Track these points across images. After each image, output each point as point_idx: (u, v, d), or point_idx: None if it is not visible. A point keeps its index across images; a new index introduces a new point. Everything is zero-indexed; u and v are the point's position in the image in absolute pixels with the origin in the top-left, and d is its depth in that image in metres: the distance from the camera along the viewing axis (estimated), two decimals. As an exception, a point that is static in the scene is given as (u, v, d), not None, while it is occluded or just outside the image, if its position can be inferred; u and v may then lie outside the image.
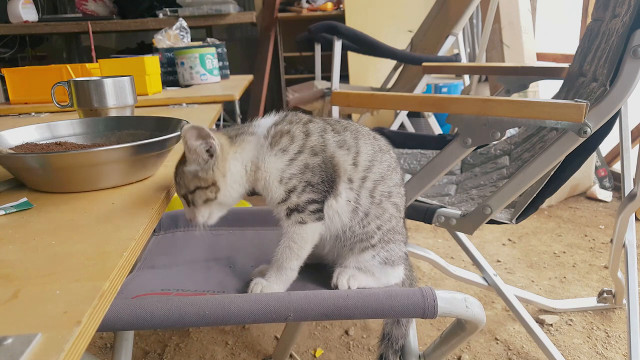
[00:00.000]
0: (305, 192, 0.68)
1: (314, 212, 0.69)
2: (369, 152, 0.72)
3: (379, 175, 0.72)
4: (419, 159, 1.56)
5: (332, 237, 0.74)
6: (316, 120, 0.73)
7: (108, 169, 0.69)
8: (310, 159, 0.69)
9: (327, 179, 0.69)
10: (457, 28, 2.43)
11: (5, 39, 3.75)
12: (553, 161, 0.95)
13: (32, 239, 0.54)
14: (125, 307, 0.63)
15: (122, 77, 1.07)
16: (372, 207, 0.71)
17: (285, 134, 0.70)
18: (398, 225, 0.75)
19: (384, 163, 0.73)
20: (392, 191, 0.73)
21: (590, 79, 1.19)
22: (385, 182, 0.72)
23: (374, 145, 0.73)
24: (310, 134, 0.70)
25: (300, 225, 0.69)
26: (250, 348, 1.49)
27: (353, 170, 0.70)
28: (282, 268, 0.71)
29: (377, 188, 0.71)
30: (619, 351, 1.41)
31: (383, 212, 0.72)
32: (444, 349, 0.77)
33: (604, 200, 2.52)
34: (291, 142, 0.69)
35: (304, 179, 0.68)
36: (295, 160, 0.68)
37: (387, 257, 0.73)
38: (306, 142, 0.69)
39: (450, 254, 2.05)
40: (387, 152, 0.75)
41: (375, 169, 0.71)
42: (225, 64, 2.13)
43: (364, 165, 0.71)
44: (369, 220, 0.71)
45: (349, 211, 0.71)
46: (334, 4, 4.09)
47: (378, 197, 0.71)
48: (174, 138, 0.75)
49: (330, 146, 0.70)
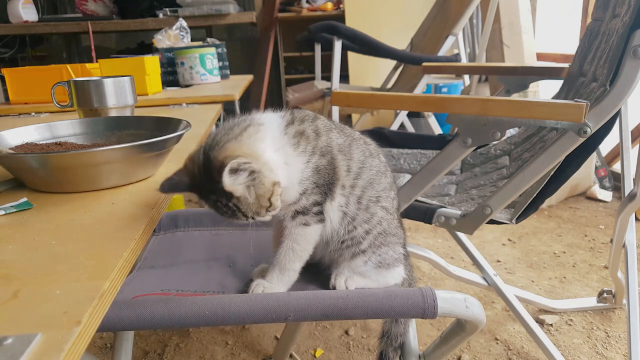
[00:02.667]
0: (313, 194, 0.68)
1: (317, 214, 0.69)
2: (359, 158, 0.72)
3: (367, 181, 0.72)
4: (419, 159, 1.56)
5: (323, 243, 0.74)
6: (321, 117, 0.73)
7: (108, 169, 0.69)
8: (320, 160, 0.68)
9: (329, 181, 0.69)
10: (457, 28, 2.43)
11: (5, 39, 3.75)
12: (553, 161, 0.95)
13: (32, 239, 0.54)
14: (125, 307, 0.63)
15: (122, 77, 1.07)
16: (359, 213, 0.72)
17: (302, 134, 0.68)
18: (390, 227, 0.74)
19: (373, 169, 0.73)
20: (381, 195, 0.73)
21: (590, 79, 1.19)
22: (374, 187, 0.72)
23: (364, 151, 0.73)
24: (320, 134, 0.70)
25: (304, 227, 0.70)
26: (250, 348, 1.49)
27: (346, 176, 0.71)
28: (284, 269, 0.71)
29: (365, 194, 0.72)
30: (619, 351, 1.41)
31: (371, 217, 0.72)
32: (444, 349, 0.77)
33: (604, 200, 2.52)
34: (307, 143, 0.68)
35: (313, 181, 0.68)
36: (309, 162, 0.68)
37: (381, 261, 0.73)
38: (317, 142, 0.69)
39: (450, 254, 2.05)
40: (377, 157, 0.75)
41: (364, 175, 0.72)
42: (225, 64, 2.12)
43: (355, 172, 0.71)
44: (355, 225, 0.72)
45: (339, 216, 0.71)
46: (334, 4, 4.09)
47: (365, 202, 0.72)
48: (174, 138, 0.75)
49: (334, 147, 0.70)
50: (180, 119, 0.83)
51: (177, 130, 0.77)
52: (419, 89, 2.29)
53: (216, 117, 1.38)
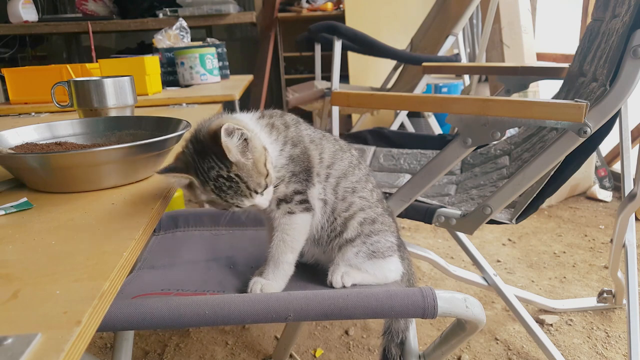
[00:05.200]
0: (292, 183, 0.71)
1: (301, 203, 0.72)
2: (331, 149, 0.76)
3: (341, 172, 0.76)
4: (419, 159, 1.56)
5: (311, 238, 0.76)
6: (289, 114, 0.78)
7: (108, 169, 0.69)
8: (293, 150, 0.72)
9: (305, 168, 0.73)
10: (457, 28, 2.43)
11: (5, 39, 3.76)
12: (553, 161, 0.95)
13: (32, 239, 0.54)
14: (125, 307, 0.63)
15: (122, 77, 1.07)
16: (338, 203, 0.75)
17: (272, 126, 0.73)
18: (375, 216, 0.76)
19: (345, 160, 0.77)
20: (356, 187, 0.76)
21: (590, 79, 1.19)
22: (348, 178, 0.76)
23: (334, 144, 0.78)
24: (289, 126, 0.75)
25: (289, 216, 0.72)
26: (250, 348, 1.49)
27: (319, 164, 0.74)
28: (278, 263, 0.73)
29: (340, 184, 0.75)
30: (619, 351, 1.41)
31: (349, 206, 0.75)
32: (444, 349, 0.77)
33: (604, 200, 2.52)
34: (278, 134, 0.73)
35: (290, 169, 0.72)
36: (283, 151, 0.72)
37: (374, 250, 0.75)
38: (287, 133, 0.73)
39: (450, 254, 2.05)
40: (348, 151, 0.79)
41: (337, 166, 0.76)
42: (225, 64, 2.12)
43: (327, 161, 0.75)
44: (335, 216, 0.75)
45: (320, 206, 0.74)
46: (334, 4, 4.10)
47: (342, 193, 0.75)
48: (174, 138, 0.75)
49: (305, 137, 0.74)
50: (180, 119, 0.83)
51: (177, 130, 0.77)
52: (419, 89, 2.29)
53: (216, 117, 1.37)
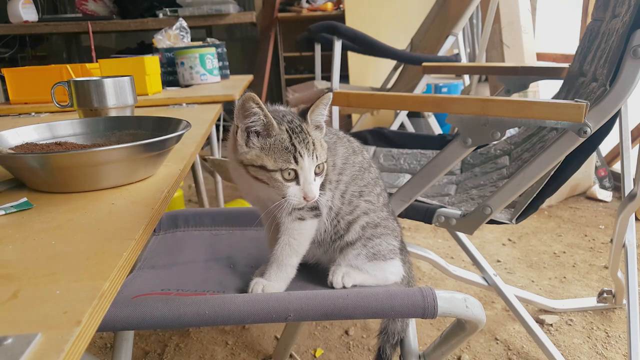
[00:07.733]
0: None
1: (312, 209, 0.72)
2: (343, 154, 0.75)
3: (350, 177, 0.75)
4: (419, 159, 1.56)
5: (315, 240, 0.76)
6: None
7: (108, 169, 0.69)
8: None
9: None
10: (457, 28, 2.43)
11: (5, 39, 3.76)
12: (553, 161, 0.95)
13: (32, 239, 0.54)
14: (125, 307, 0.63)
15: (122, 77, 1.06)
16: (343, 207, 0.74)
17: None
18: (378, 220, 0.76)
19: (356, 165, 0.76)
20: (364, 190, 0.76)
21: (590, 79, 1.19)
22: (356, 182, 0.75)
23: (348, 148, 0.77)
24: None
25: (299, 222, 0.72)
26: (250, 348, 1.49)
27: (332, 171, 0.74)
28: (282, 265, 0.72)
29: (349, 189, 0.75)
30: (619, 351, 1.41)
31: (353, 209, 0.74)
32: (444, 349, 0.77)
33: (604, 200, 2.52)
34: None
35: None
36: None
37: (375, 252, 0.75)
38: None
39: (450, 254, 2.05)
40: (360, 154, 0.78)
41: (348, 171, 0.75)
42: (225, 64, 2.12)
43: (339, 167, 0.74)
44: (339, 219, 0.74)
45: (325, 211, 0.74)
46: (334, 4, 4.10)
47: (348, 197, 0.74)
48: (174, 138, 0.75)
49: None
50: (180, 119, 0.83)
51: (177, 130, 0.77)
52: (419, 89, 2.29)
53: (216, 117, 1.37)
